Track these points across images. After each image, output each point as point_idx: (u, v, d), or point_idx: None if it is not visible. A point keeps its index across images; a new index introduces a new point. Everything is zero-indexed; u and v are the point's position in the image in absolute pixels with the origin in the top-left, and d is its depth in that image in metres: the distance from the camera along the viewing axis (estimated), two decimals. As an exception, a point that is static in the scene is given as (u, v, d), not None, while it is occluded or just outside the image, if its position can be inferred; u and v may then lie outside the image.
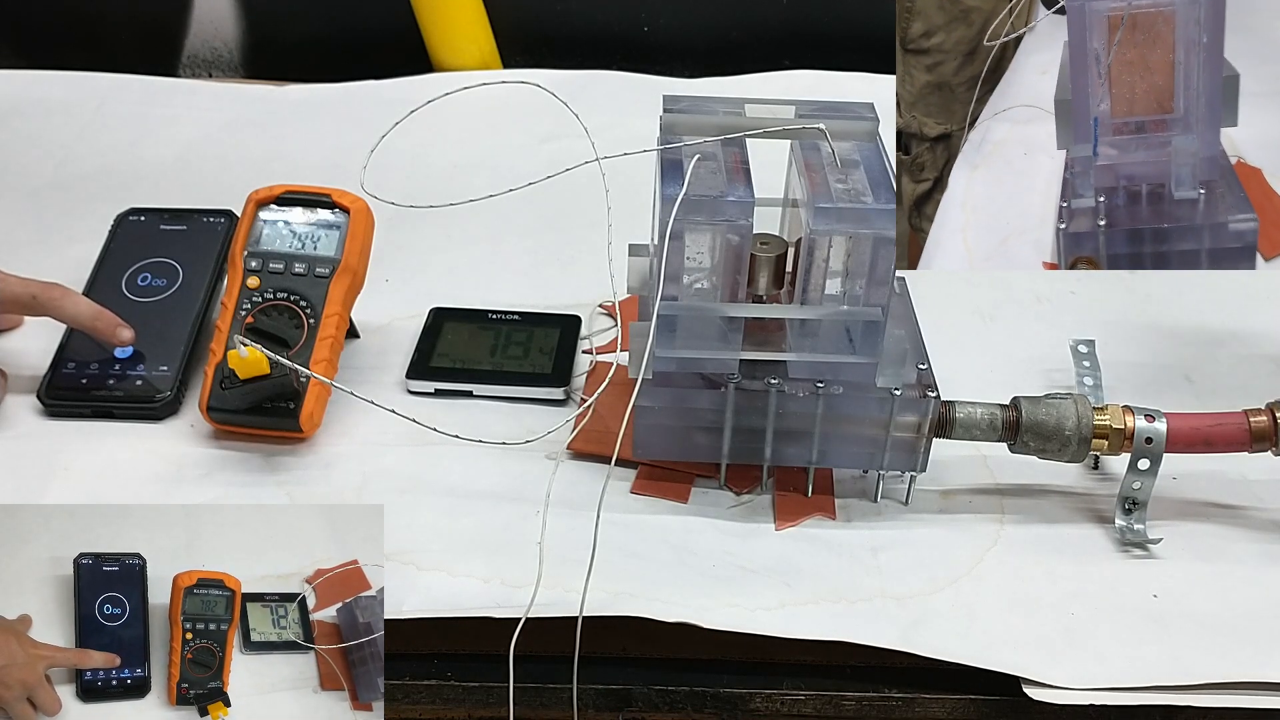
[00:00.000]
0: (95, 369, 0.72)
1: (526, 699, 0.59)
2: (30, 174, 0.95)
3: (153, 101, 1.05)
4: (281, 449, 0.70)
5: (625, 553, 0.64)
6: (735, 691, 0.60)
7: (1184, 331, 0.82)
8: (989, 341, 0.81)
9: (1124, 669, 0.59)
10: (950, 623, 0.61)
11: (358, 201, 0.72)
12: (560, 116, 0.68)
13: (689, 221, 0.61)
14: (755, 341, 0.65)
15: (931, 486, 0.69)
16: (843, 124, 0.66)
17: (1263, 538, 0.67)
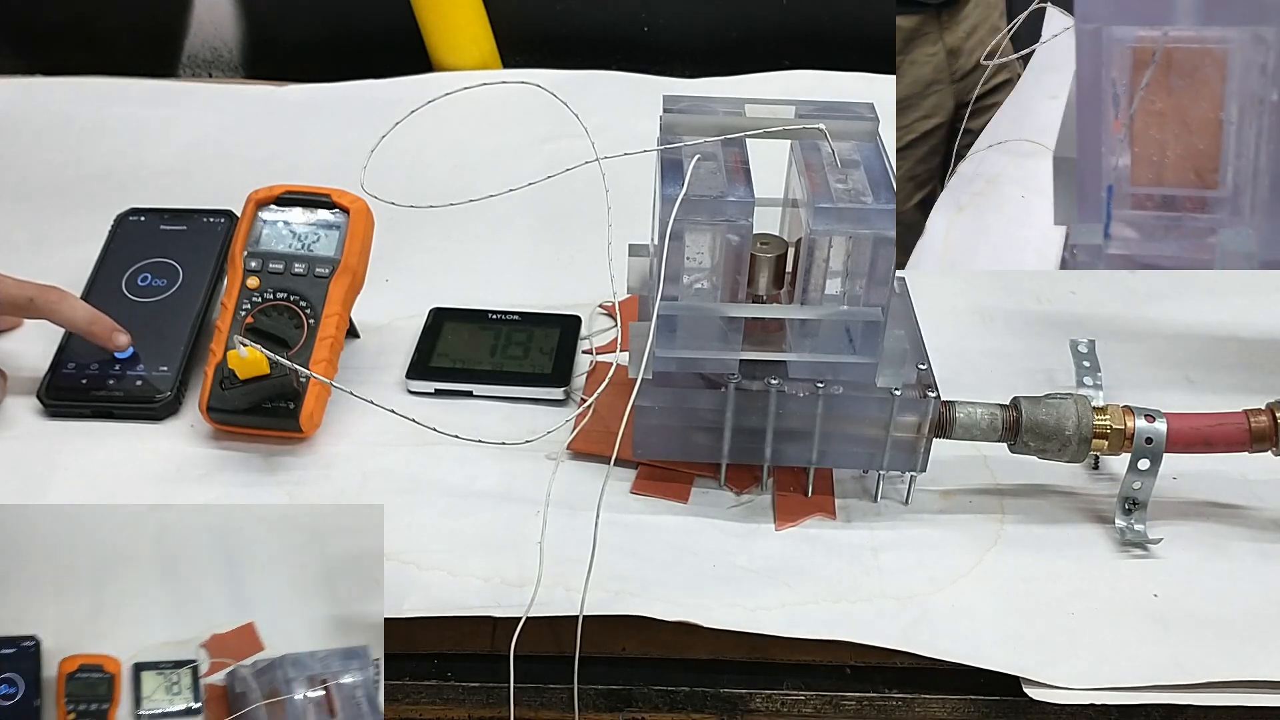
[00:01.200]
0: (95, 369, 0.72)
1: (526, 699, 0.59)
2: (30, 175, 0.95)
3: (153, 102, 1.05)
4: (281, 449, 0.70)
5: (625, 553, 0.64)
6: (735, 691, 0.60)
7: (1184, 331, 0.82)
8: (989, 341, 0.81)
9: (1124, 668, 0.59)
10: (950, 623, 0.61)
11: (358, 201, 0.72)
12: (560, 116, 0.68)
13: (689, 221, 0.61)
14: (755, 341, 0.65)
15: (931, 486, 0.69)
16: (843, 124, 0.66)
17: (1263, 537, 0.67)
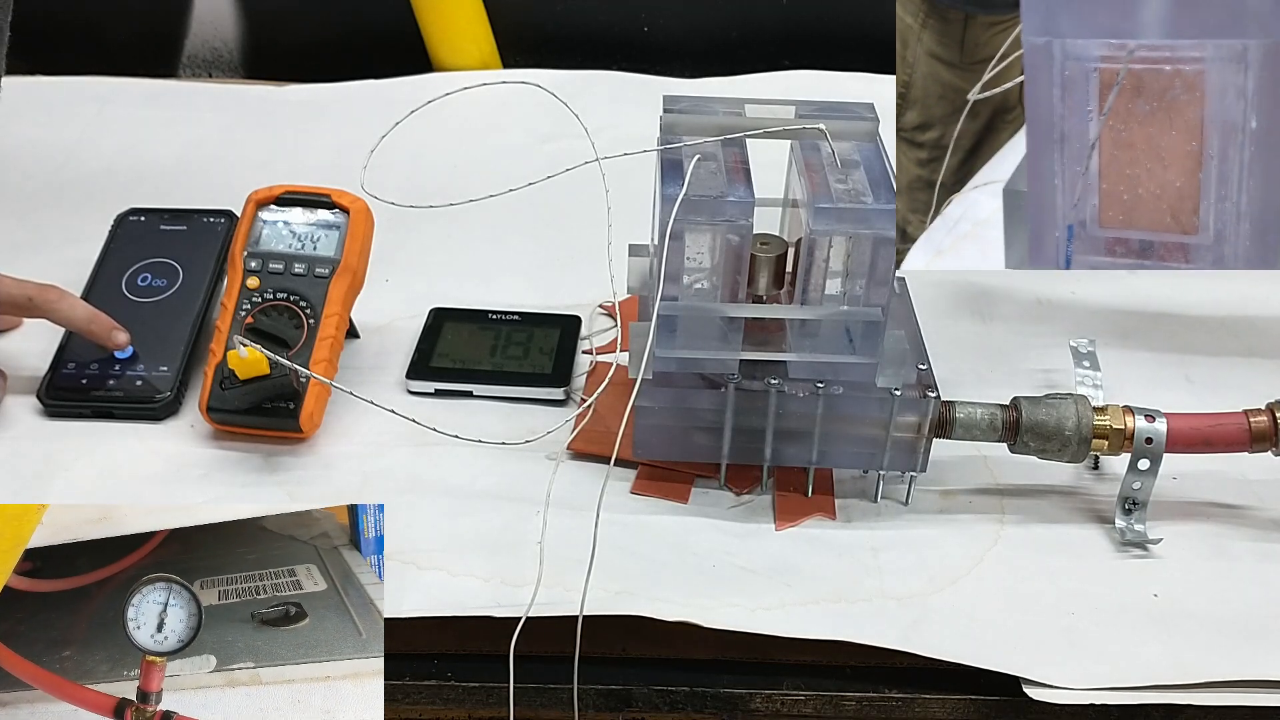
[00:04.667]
0: (95, 369, 0.72)
1: (526, 699, 0.59)
2: (31, 175, 0.95)
3: (153, 103, 1.05)
4: (281, 449, 0.70)
5: (625, 553, 0.64)
6: (735, 691, 0.60)
7: (1184, 331, 0.82)
8: (989, 341, 0.81)
9: (1124, 668, 0.59)
10: (950, 623, 0.61)
11: (357, 201, 0.72)
12: (560, 116, 0.68)
13: (689, 221, 0.61)
14: (755, 341, 0.65)
15: (931, 486, 0.69)
16: (843, 124, 0.66)
17: (1263, 537, 0.67)
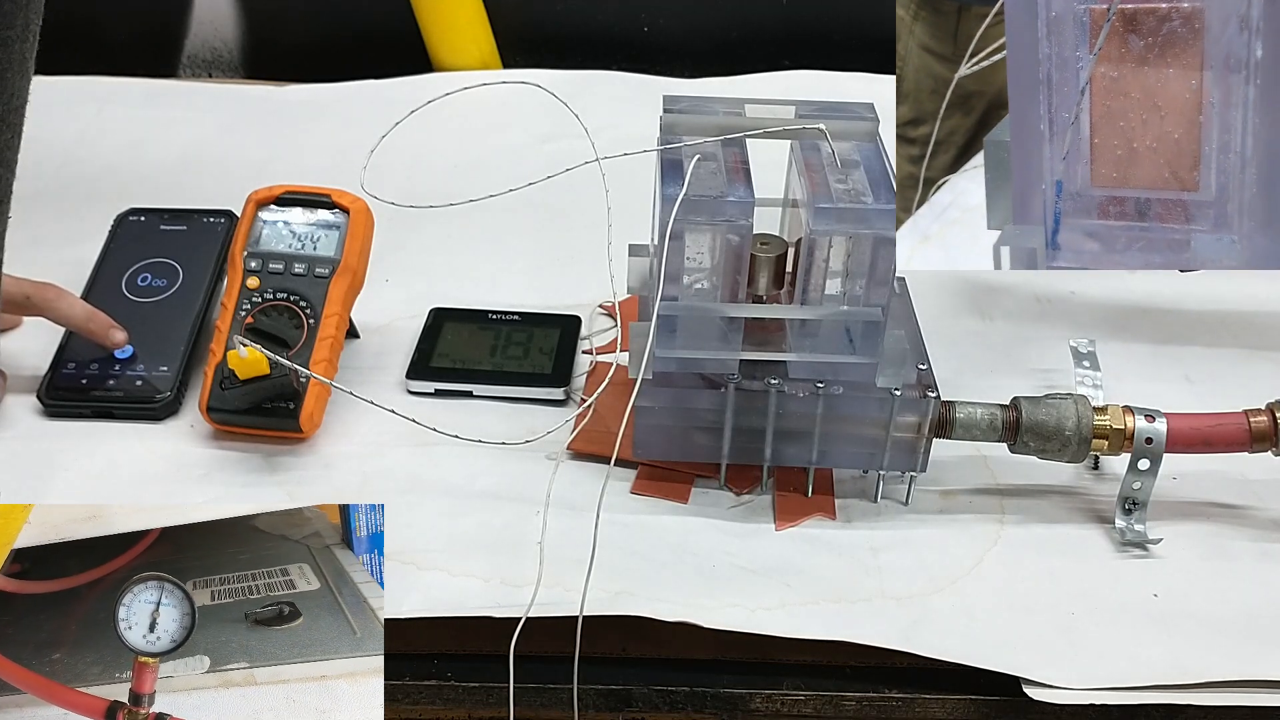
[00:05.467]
0: (95, 369, 0.72)
1: (526, 699, 0.59)
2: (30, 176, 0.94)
3: (153, 103, 1.05)
4: (281, 449, 0.70)
5: (625, 553, 0.64)
6: (735, 691, 0.60)
7: (1184, 331, 0.82)
8: (989, 341, 0.81)
9: (1124, 669, 0.59)
10: (950, 623, 0.61)
11: (357, 202, 0.72)
12: (560, 116, 0.68)
13: (689, 221, 0.61)
14: (755, 341, 0.65)
15: (931, 486, 0.69)
16: (843, 124, 0.66)
17: (1263, 537, 0.67)
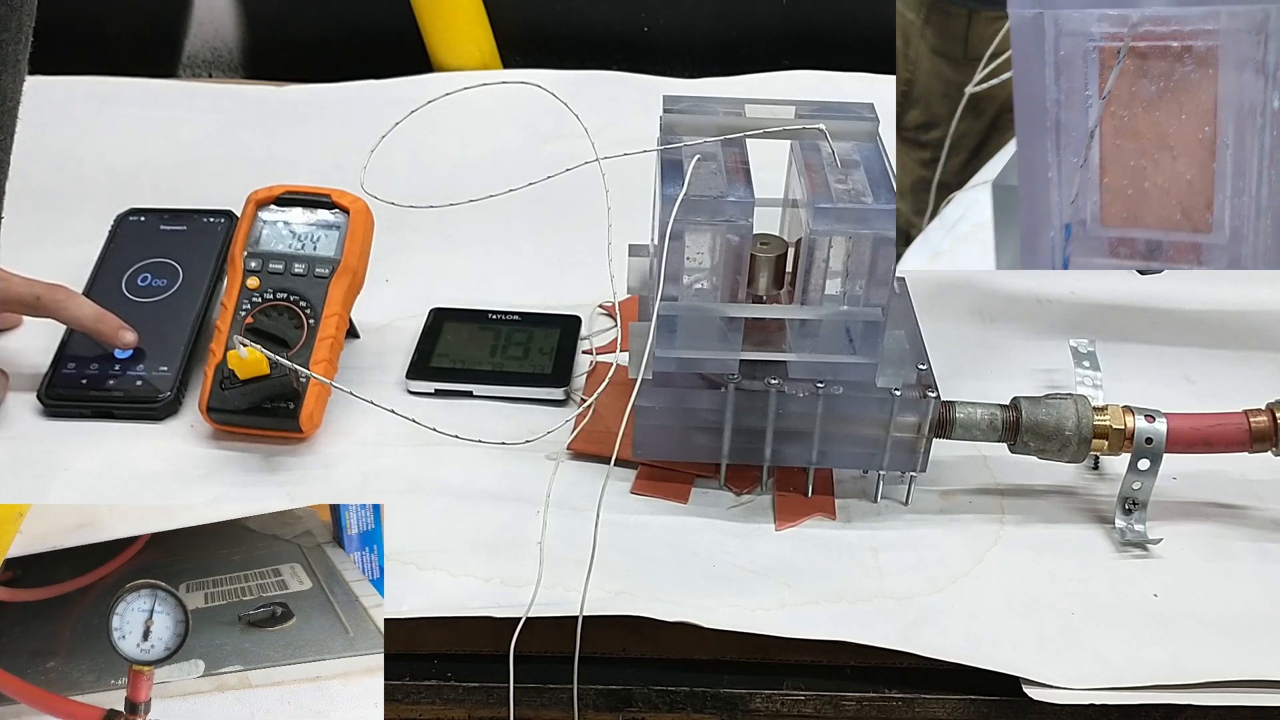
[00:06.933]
0: (95, 369, 0.72)
1: (526, 699, 0.59)
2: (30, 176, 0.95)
3: (153, 102, 1.05)
4: (281, 449, 0.70)
5: (625, 553, 0.64)
6: (735, 691, 0.60)
7: (1184, 331, 0.82)
8: (989, 341, 0.81)
9: (1124, 669, 0.59)
10: (950, 623, 0.61)
11: (357, 202, 0.72)
12: (560, 116, 0.68)
13: (689, 221, 0.61)
14: (755, 341, 0.65)
15: (931, 486, 0.69)
16: (843, 124, 0.66)
17: (1263, 537, 0.67)
